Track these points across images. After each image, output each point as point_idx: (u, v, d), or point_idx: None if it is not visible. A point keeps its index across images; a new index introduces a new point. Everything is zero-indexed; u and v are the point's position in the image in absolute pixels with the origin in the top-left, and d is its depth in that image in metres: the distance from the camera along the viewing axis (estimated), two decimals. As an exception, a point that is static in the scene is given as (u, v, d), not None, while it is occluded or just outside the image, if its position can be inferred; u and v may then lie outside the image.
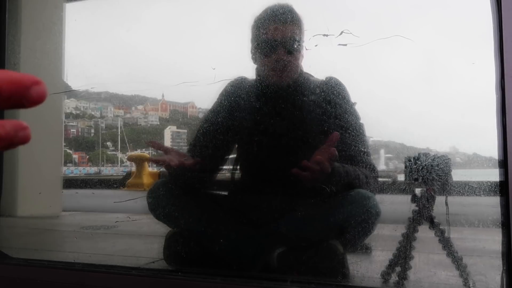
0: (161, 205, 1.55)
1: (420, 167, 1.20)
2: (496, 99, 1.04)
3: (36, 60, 2.44)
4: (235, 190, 1.63)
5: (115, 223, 2.80)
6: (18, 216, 2.89)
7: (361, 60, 1.53)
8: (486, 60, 1.09)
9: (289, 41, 1.49)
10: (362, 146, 1.44)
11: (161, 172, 2.05)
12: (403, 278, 1.21)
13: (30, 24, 2.36)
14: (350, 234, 1.39)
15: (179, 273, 1.30)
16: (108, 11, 2.75)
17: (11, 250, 1.60)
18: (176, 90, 2.04)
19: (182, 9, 2.64)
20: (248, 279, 1.28)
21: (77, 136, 6.11)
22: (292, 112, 1.52)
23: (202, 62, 2.15)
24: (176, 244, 1.54)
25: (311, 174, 1.29)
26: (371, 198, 1.38)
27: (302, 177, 1.29)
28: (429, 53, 1.64)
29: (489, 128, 1.06)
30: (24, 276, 1.41)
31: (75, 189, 3.48)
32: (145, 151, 5.28)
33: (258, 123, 1.53)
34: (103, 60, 2.89)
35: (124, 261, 1.81)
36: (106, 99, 5.97)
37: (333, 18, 1.52)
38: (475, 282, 1.18)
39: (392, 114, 1.80)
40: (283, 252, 1.43)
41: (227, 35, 1.98)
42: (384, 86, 1.81)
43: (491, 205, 1.07)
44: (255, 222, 1.49)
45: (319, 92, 1.50)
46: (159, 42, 3.11)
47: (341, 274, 1.35)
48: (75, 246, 2.27)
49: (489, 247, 1.39)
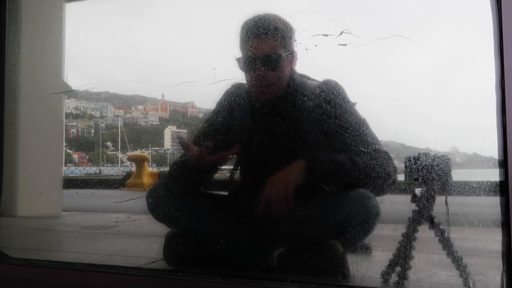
0: (161, 205, 1.55)
1: (420, 167, 1.20)
2: (496, 99, 1.04)
3: (36, 60, 2.44)
4: (235, 190, 1.64)
5: (115, 223, 2.80)
6: (18, 216, 2.89)
7: (361, 60, 1.53)
8: (486, 60, 1.09)
9: (270, 55, 1.42)
10: (367, 142, 1.43)
11: (161, 172, 2.05)
12: (403, 278, 1.21)
13: (30, 24, 2.36)
14: (350, 234, 1.39)
15: (179, 273, 1.30)
16: (108, 11, 2.75)
17: (11, 250, 1.60)
18: (176, 90, 2.04)
19: (182, 9, 2.64)
20: (248, 279, 1.28)
21: (77, 136, 6.12)
22: (289, 115, 1.51)
23: (202, 62, 2.15)
24: (176, 244, 1.54)
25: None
26: (371, 198, 1.38)
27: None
28: (429, 53, 1.64)
29: (489, 128, 1.06)
30: (24, 276, 1.41)
31: (75, 189, 3.48)
32: (145, 151, 5.28)
33: (254, 124, 1.53)
34: (103, 60, 2.89)
35: (124, 261, 1.81)
36: (106, 99, 5.97)
37: (333, 18, 1.52)
38: (475, 282, 1.18)
39: (392, 114, 1.80)
40: (283, 252, 1.43)
41: (227, 35, 1.98)
42: (384, 86, 1.81)
43: (491, 205, 1.07)
44: (255, 222, 1.49)
45: (315, 95, 1.49)
46: (159, 42, 3.11)
47: (341, 274, 1.35)
48: (75, 246, 2.27)
49: (489, 247, 1.39)
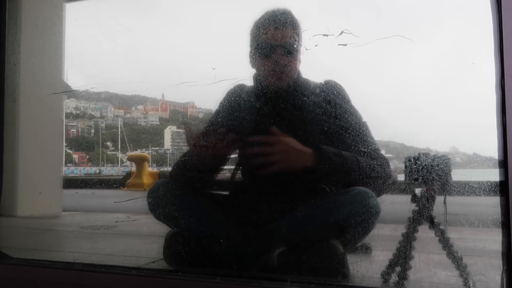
0: (161, 205, 1.56)
1: (420, 167, 1.20)
2: (496, 99, 1.04)
3: (36, 60, 2.44)
4: (235, 190, 1.64)
5: (115, 223, 2.81)
6: (18, 216, 2.89)
7: (361, 60, 1.53)
8: (486, 60, 1.09)
9: (288, 43, 1.52)
10: (367, 144, 1.44)
11: (161, 172, 2.05)
12: (403, 278, 1.21)
13: (30, 24, 2.36)
14: (350, 233, 1.39)
15: (179, 273, 1.30)
16: (108, 11, 2.75)
17: (11, 250, 1.60)
18: (176, 90, 2.04)
19: (182, 9, 2.64)
20: (248, 279, 1.28)
21: (77, 136, 6.12)
22: (291, 113, 1.52)
23: (202, 62, 2.15)
24: (176, 244, 1.54)
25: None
26: (371, 197, 1.38)
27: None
28: (429, 53, 1.64)
29: (489, 128, 1.06)
30: (24, 276, 1.41)
31: (75, 189, 3.48)
32: (145, 151, 5.28)
33: (258, 124, 1.54)
34: (103, 60, 2.89)
35: (124, 261, 1.82)
36: (106, 99, 5.97)
37: (332, 18, 1.52)
38: (475, 282, 1.18)
39: (392, 114, 1.80)
40: (283, 252, 1.43)
41: (227, 35, 1.98)
42: (384, 86, 1.81)
43: (491, 205, 1.07)
44: (255, 222, 1.49)
45: (318, 93, 1.52)
46: (159, 42, 3.11)
47: (341, 274, 1.35)
48: (75, 246, 2.27)
49: (489, 247, 1.39)
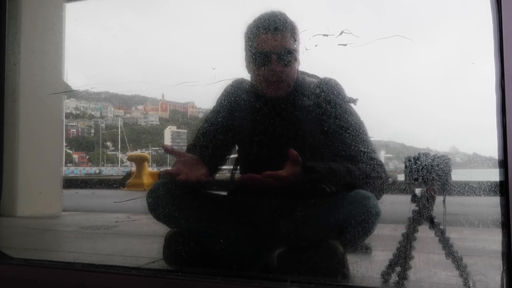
0: (161, 205, 1.55)
1: (420, 167, 1.20)
2: (496, 99, 1.04)
3: (36, 60, 2.44)
4: (235, 190, 1.63)
5: (115, 223, 2.81)
6: (18, 216, 2.89)
7: (361, 60, 1.53)
8: (486, 60, 1.09)
9: (283, 51, 1.43)
10: (364, 144, 1.43)
11: (161, 172, 2.05)
12: (403, 278, 1.21)
13: (30, 24, 2.36)
14: (350, 234, 1.39)
15: (179, 273, 1.30)
16: (108, 11, 2.75)
17: (11, 250, 1.60)
18: (176, 90, 2.04)
19: (182, 9, 2.64)
20: (248, 279, 1.28)
21: (77, 136, 6.12)
22: (290, 114, 1.52)
23: (202, 62, 2.15)
24: (176, 244, 1.54)
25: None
26: (371, 198, 1.38)
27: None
28: (429, 54, 1.64)
29: (489, 128, 1.06)
30: (24, 276, 1.41)
31: (75, 189, 3.49)
32: (145, 151, 5.29)
33: (257, 124, 1.53)
34: (103, 60, 2.89)
35: (124, 261, 1.82)
36: (106, 99, 5.97)
37: (333, 18, 1.52)
38: (475, 282, 1.18)
39: (392, 114, 1.80)
40: (283, 252, 1.43)
41: (227, 35, 1.98)
42: (384, 86, 1.81)
43: (491, 205, 1.07)
44: (255, 222, 1.49)
45: (316, 94, 1.50)
46: (159, 42, 3.11)
47: (341, 274, 1.35)
48: (75, 246, 2.27)
49: (489, 247, 1.39)
